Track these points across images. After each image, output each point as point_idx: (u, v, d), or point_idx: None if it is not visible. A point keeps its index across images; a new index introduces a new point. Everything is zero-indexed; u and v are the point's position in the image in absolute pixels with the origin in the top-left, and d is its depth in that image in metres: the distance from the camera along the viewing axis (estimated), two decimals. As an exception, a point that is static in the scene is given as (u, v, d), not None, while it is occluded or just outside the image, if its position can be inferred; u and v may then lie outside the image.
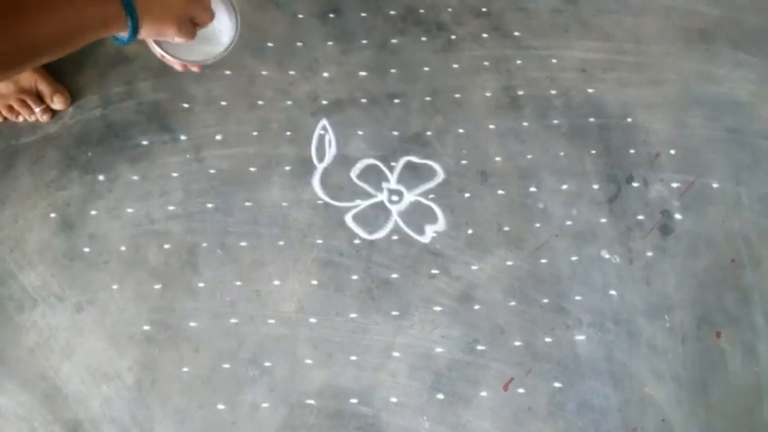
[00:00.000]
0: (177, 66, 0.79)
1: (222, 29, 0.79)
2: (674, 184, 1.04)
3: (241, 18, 0.81)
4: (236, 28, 0.78)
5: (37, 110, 1.02)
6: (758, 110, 1.09)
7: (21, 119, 1.03)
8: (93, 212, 1.00)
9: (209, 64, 0.79)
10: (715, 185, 1.04)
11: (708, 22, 1.15)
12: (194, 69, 0.80)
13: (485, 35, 1.13)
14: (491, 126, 1.07)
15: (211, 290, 0.97)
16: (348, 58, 1.10)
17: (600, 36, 1.13)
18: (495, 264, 0.99)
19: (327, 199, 1.02)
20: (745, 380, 0.94)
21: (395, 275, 0.98)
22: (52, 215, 1.00)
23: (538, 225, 1.01)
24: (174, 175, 1.02)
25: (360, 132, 1.06)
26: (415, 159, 1.04)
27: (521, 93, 1.09)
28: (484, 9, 1.14)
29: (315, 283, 0.97)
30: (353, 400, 0.92)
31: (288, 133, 1.05)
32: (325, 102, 1.07)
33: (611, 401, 0.93)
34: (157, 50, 0.76)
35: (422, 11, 1.14)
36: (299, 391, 0.92)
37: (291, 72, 1.08)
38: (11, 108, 1.02)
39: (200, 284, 0.97)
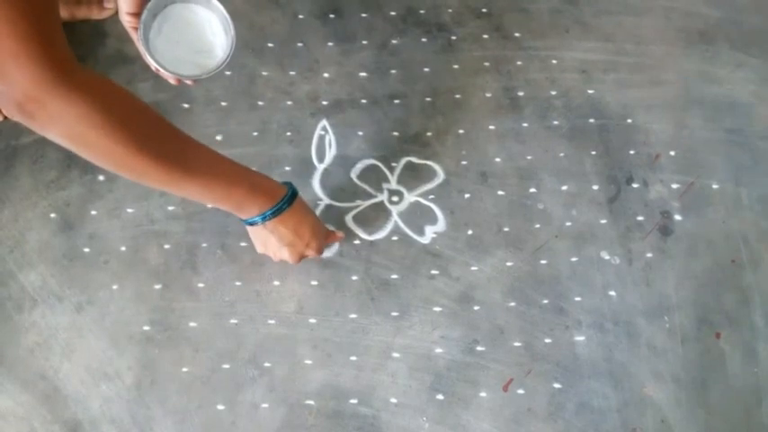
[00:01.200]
0: (171, 79, 0.80)
1: (217, 43, 0.79)
2: (674, 185, 1.04)
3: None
4: (232, 44, 0.78)
5: (37, 110, 1.02)
6: (758, 111, 1.09)
7: (21, 119, 1.03)
8: (93, 212, 1.00)
9: (202, 79, 0.79)
10: (715, 186, 1.04)
11: (708, 23, 1.15)
12: (188, 83, 0.81)
13: (485, 36, 1.13)
14: (491, 127, 1.07)
15: (211, 290, 0.96)
16: (348, 59, 1.10)
17: (600, 37, 1.13)
18: (494, 264, 0.99)
19: (327, 199, 1.02)
20: (744, 380, 0.94)
21: (395, 276, 0.98)
22: (52, 215, 1.00)
23: (538, 226, 1.01)
24: (174, 175, 1.02)
25: (360, 133, 1.06)
26: (415, 160, 1.04)
27: (521, 94, 1.09)
28: (484, 10, 1.14)
29: (314, 283, 0.97)
30: (353, 401, 0.92)
31: (288, 134, 1.05)
32: (325, 102, 1.07)
33: (611, 402, 0.93)
34: (152, 63, 0.76)
35: (422, 11, 1.14)
36: (299, 391, 0.92)
37: (292, 72, 1.08)
38: (11, 108, 1.02)
39: (200, 285, 0.97)
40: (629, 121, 1.08)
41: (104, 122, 0.60)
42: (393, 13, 1.13)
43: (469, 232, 1.01)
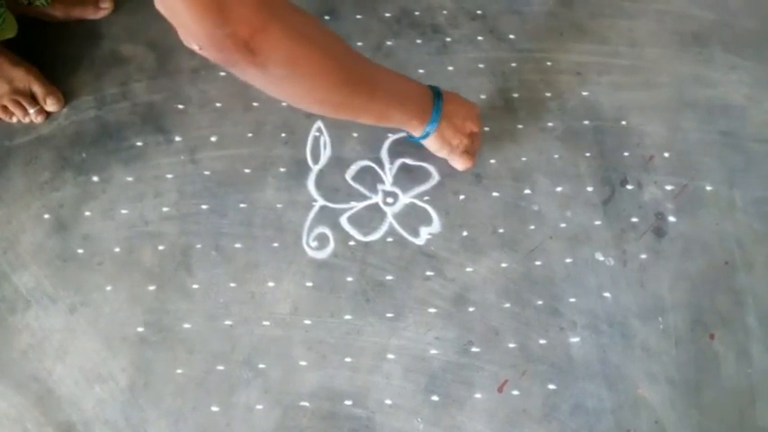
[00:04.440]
0: None
1: None
2: (668, 187, 1.04)
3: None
4: None
5: (31, 111, 1.02)
6: (751, 113, 1.10)
7: (15, 119, 1.03)
8: (86, 213, 1.00)
9: None
10: (708, 188, 1.05)
11: (701, 26, 1.16)
12: None
13: (480, 38, 1.13)
14: (486, 128, 1.07)
15: (205, 291, 0.96)
16: (343, 60, 1.10)
17: (594, 39, 1.14)
18: (489, 266, 0.99)
19: (322, 200, 1.02)
20: (738, 382, 0.94)
21: (389, 277, 0.98)
22: (46, 216, 0.99)
23: (532, 227, 1.01)
24: (169, 176, 1.02)
25: (355, 134, 1.06)
26: (409, 161, 1.04)
27: (515, 95, 1.09)
28: (479, 12, 1.15)
29: (309, 284, 0.97)
30: (348, 402, 0.92)
31: (283, 135, 1.05)
32: (320, 103, 1.07)
33: (605, 403, 0.93)
34: None
35: (417, 13, 1.14)
36: (294, 392, 0.92)
37: (286, 74, 1.08)
38: (5, 109, 1.02)
39: (195, 286, 0.96)
40: (624, 123, 1.08)
41: (319, 40, 0.63)
42: (388, 15, 1.13)
43: (464, 233, 1.01)
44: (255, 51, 0.59)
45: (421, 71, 1.10)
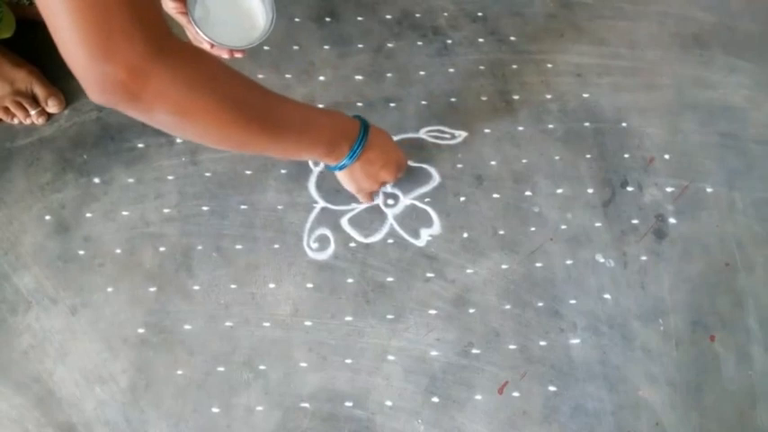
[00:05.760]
0: (225, 54, 0.82)
1: (258, 13, 0.83)
2: (669, 189, 1.05)
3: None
4: (272, 11, 0.82)
5: (32, 112, 1.02)
6: (752, 115, 1.10)
7: (16, 121, 1.03)
8: (88, 215, 1.00)
9: (251, 48, 0.82)
10: (709, 190, 1.05)
11: (702, 28, 1.16)
12: (238, 56, 0.84)
13: (480, 40, 1.13)
14: (486, 130, 1.07)
15: (206, 293, 0.96)
16: (344, 62, 1.10)
17: (595, 41, 1.14)
18: (490, 267, 0.99)
19: (323, 202, 1.02)
20: (738, 383, 0.94)
21: (390, 279, 0.98)
22: (47, 217, 1.00)
23: (533, 229, 1.01)
24: (170, 177, 1.02)
25: (355, 136, 1.06)
26: (410, 163, 1.04)
27: (516, 97, 1.09)
28: (479, 14, 1.15)
29: (310, 286, 0.97)
30: (348, 404, 0.92)
31: (283, 136, 1.05)
32: (321, 105, 1.07)
33: (606, 405, 0.93)
34: (206, 40, 0.79)
35: (418, 15, 1.14)
36: (294, 394, 0.92)
37: (287, 75, 1.09)
38: (6, 110, 1.02)
39: (195, 287, 0.97)
40: (624, 124, 1.08)
41: (211, 88, 0.58)
42: (389, 17, 1.14)
43: (465, 235, 1.01)
44: (137, 95, 0.53)
45: (422, 73, 1.10)
